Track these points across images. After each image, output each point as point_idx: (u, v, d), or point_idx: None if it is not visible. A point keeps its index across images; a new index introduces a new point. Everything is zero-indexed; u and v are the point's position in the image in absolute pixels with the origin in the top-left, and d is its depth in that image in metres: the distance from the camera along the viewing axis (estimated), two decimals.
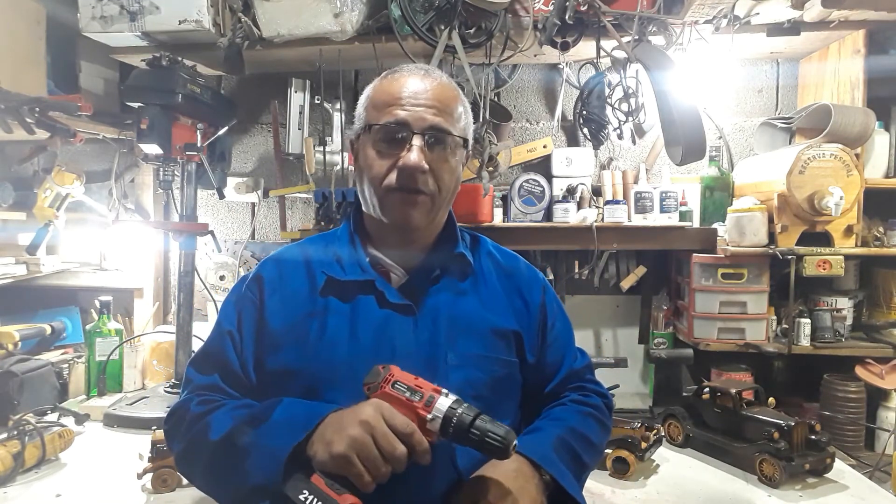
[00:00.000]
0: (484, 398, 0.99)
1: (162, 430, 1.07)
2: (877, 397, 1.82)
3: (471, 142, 1.08)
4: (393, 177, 0.98)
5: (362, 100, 1.06)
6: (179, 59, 1.79)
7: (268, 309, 1.02)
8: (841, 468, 1.48)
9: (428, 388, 0.82)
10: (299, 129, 2.08)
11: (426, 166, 0.96)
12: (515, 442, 0.81)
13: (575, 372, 1.11)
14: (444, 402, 0.80)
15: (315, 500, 0.76)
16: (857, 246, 1.83)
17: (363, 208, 1.07)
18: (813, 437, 1.44)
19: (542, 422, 1.04)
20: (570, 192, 2.07)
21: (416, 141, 0.96)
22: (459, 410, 0.79)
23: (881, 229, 1.91)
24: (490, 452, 0.80)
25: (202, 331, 1.92)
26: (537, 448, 0.94)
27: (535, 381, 1.08)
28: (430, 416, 0.79)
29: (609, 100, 1.90)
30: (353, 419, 0.80)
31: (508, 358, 1.04)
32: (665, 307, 2.10)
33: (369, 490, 0.79)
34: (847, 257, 1.80)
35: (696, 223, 2.05)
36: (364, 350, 0.96)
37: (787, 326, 1.88)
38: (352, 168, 1.09)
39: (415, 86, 0.99)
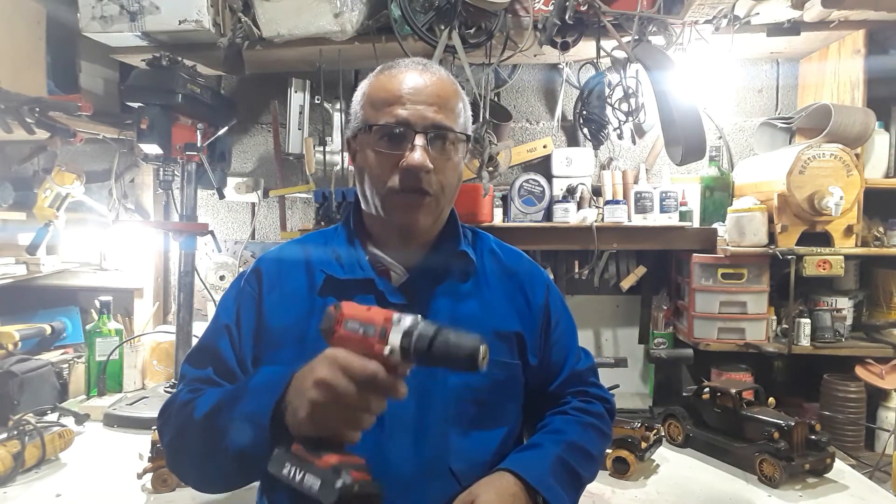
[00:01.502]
0: (484, 402, 0.98)
1: None
2: (877, 397, 1.82)
3: (472, 136, 1.06)
4: (396, 179, 0.95)
5: (358, 97, 1.03)
6: (179, 59, 1.79)
7: (266, 304, 1.01)
8: (841, 468, 1.48)
9: (380, 317, 0.75)
10: (299, 129, 2.08)
11: (430, 166, 0.94)
12: (484, 351, 0.72)
13: (577, 374, 1.09)
14: (398, 329, 0.73)
15: (297, 469, 0.72)
16: (857, 246, 1.83)
17: (363, 207, 1.05)
18: (813, 437, 1.44)
19: (542, 436, 1.02)
20: (570, 192, 2.07)
21: (419, 140, 0.94)
22: (414, 336, 0.72)
23: (881, 229, 1.91)
24: (460, 370, 0.74)
25: (202, 330, 1.92)
26: (535, 470, 0.92)
27: (537, 381, 1.07)
28: (386, 351, 0.73)
29: (609, 100, 1.90)
30: (310, 380, 0.75)
31: (510, 360, 1.03)
32: (665, 307, 2.10)
33: (355, 441, 0.75)
34: (847, 257, 1.80)
35: (696, 223, 2.05)
36: None
37: (787, 326, 1.88)
38: (351, 168, 1.07)
39: (414, 82, 0.96)
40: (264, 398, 0.79)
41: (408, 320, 0.73)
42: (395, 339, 0.73)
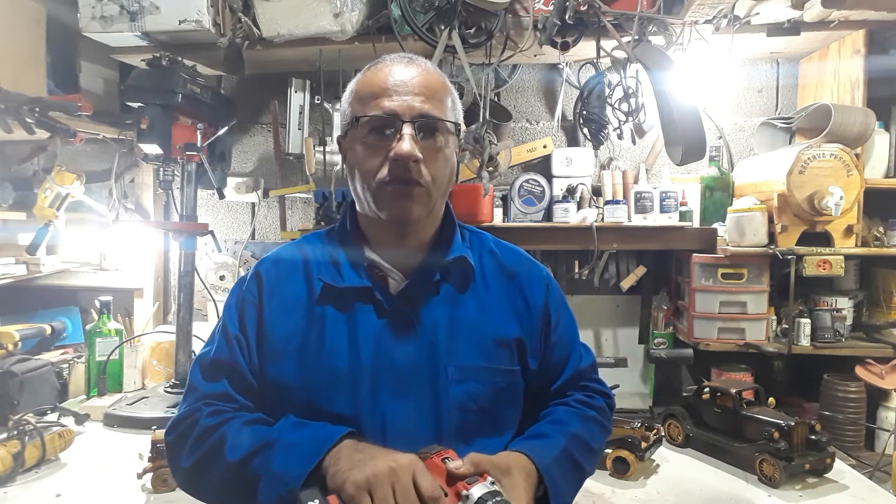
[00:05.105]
0: (485, 410, 0.98)
1: (162, 431, 1.05)
2: (877, 397, 1.82)
3: (462, 128, 1.05)
4: (385, 170, 0.93)
5: (346, 95, 1.02)
6: (179, 59, 1.79)
7: (267, 312, 1.00)
8: (841, 468, 1.47)
9: (473, 471, 0.84)
10: (299, 129, 2.08)
11: (419, 155, 0.93)
12: None
13: (580, 372, 1.09)
14: (482, 488, 0.81)
15: None
16: (857, 246, 1.83)
17: (357, 207, 1.04)
18: (813, 437, 1.44)
19: (547, 426, 1.01)
20: (570, 192, 2.07)
21: (407, 130, 0.92)
22: (493, 500, 0.80)
23: (881, 229, 1.91)
24: None
25: (202, 331, 1.92)
26: (543, 457, 0.92)
27: (538, 382, 1.06)
28: (465, 493, 0.81)
29: (609, 100, 1.90)
30: (385, 459, 0.79)
31: (511, 367, 1.02)
32: (665, 307, 2.10)
33: None
34: (847, 257, 1.80)
35: (696, 223, 2.05)
36: (363, 364, 0.95)
37: (787, 326, 1.88)
38: (345, 167, 1.07)
39: (400, 74, 0.96)
40: (298, 464, 0.82)
41: (487, 489, 0.82)
42: (475, 494, 0.81)
